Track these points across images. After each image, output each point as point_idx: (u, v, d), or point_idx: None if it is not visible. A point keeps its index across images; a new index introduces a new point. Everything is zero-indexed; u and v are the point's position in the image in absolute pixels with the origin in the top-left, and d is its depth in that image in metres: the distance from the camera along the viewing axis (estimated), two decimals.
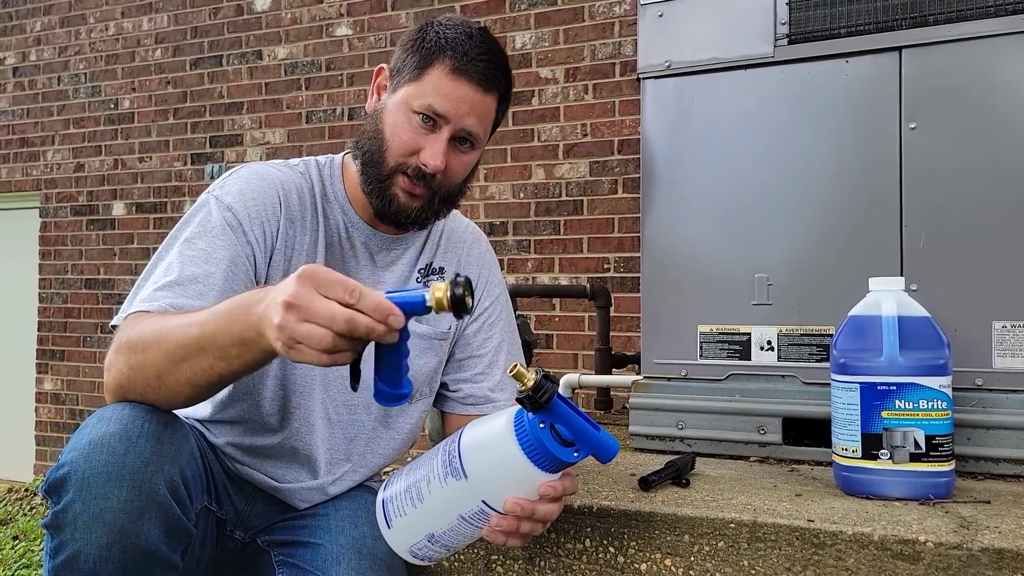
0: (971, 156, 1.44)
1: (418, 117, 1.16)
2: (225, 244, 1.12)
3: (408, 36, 1.23)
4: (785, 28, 1.56)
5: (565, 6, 3.52)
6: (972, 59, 1.44)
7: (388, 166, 1.18)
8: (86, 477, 0.93)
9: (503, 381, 1.33)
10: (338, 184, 1.27)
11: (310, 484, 1.25)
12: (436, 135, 1.16)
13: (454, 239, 1.35)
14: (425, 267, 1.30)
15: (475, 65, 1.16)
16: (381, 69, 1.25)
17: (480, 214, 3.62)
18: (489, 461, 0.99)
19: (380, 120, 1.20)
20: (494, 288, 1.37)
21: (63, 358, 4.67)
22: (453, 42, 1.16)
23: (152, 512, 0.93)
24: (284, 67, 4.13)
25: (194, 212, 1.17)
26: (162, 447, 0.96)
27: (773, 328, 1.56)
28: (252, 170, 1.21)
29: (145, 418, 0.97)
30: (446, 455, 1.01)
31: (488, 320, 1.34)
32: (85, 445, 0.95)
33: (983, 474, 1.40)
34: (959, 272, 1.44)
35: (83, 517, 0.92)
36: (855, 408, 1.25)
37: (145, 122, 4.48)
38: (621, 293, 3.31)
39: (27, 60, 4.85)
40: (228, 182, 1.19)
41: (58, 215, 4.72)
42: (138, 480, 0.93)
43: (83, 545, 0.91)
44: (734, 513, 1.16)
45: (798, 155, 1.56)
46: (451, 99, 1.15)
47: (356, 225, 1.26)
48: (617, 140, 3.40)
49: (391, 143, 1.17)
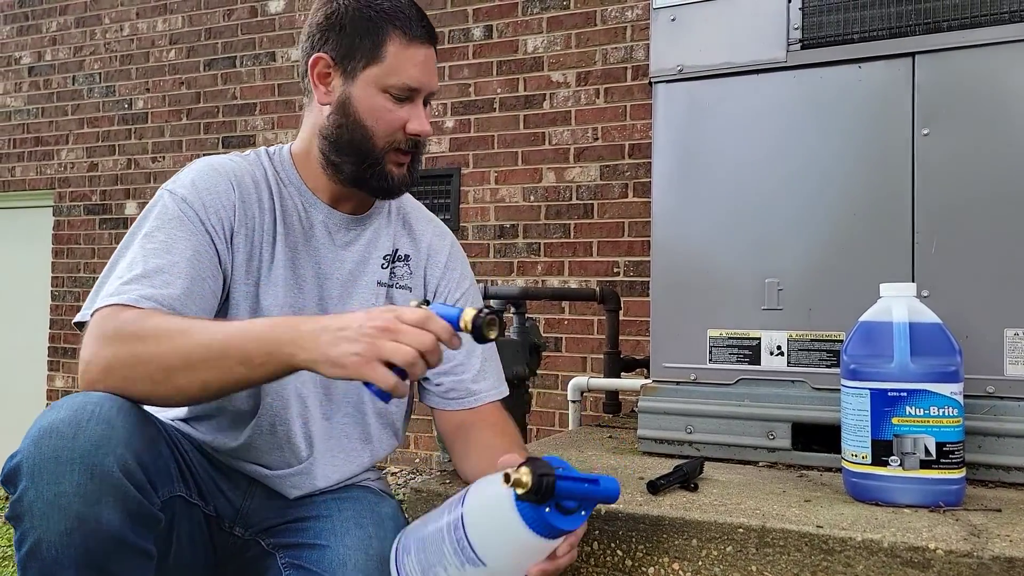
0: (984, 162, 1.43)
1: (392, 95, 1.20)
2: (184, 234, 1.15)
3: (332, 17, 1.22)
4: (798, 33, 1.56)
5: (577, 10, 3.52)
6: (986, 65, 1.44)
7: (379, 148, 1.22)
8: (36, 463, 0.93)
9: (483, 370, 1.34)
10: (290, 169, 1.29)
11: (297, 468, 1.25)
12: (414, 104, 1.22)
13: (417, 226, 1.38)
14: (391, 254, 1.33)
15: (420, 26, 1.22)
16: (319, 58, 1.23)
17: (491, 216, 3.62)
18: (505, 547, 0.99)
19: (351, 109, 1.22)
20: (464, 281, 1.40)
21: (74, 356, 4.69)
22: (392, 11, 1.20)
23: (108, 496, 0.93)
24: (297, 69, 4.15)
25: (150, 208, 1.19)
26: (113, 431, 0.95)
27: (783, 333, 1.56)
28: (204, 162, 1.25)
29: (97, 403, 0.97)
30: (454, 541, 1.01)
31: None
32: (35, 432, 0.95)
33: (994, 482, 1.39)
34: (971, 279, 1.43)
35: (38, 504, 0.92)
36: (865, 414, 1.25)
37: (159, 122, 4.51)
38: (631, 297, 3.30)
39: (42, 60, 4.89)
40: (180, 176, 1.22)
41: (71, 214, 4.75)
42: (89, 463, 0.92)
43: (43, 533, 0.91)
44: (743, 518, 1.16)
45: (810, 160, 1.56)
46: (420, 68, 1.21)
47: (314, 204, 1.28)
48: (628, 144, 3.40)
49: (376, 128, 1.21)
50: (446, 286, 1.37)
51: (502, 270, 3.59)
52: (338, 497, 1.27)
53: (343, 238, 1.30)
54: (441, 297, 1.37)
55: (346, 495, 1.28)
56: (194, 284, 1.13)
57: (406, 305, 1.26)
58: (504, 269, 3.59)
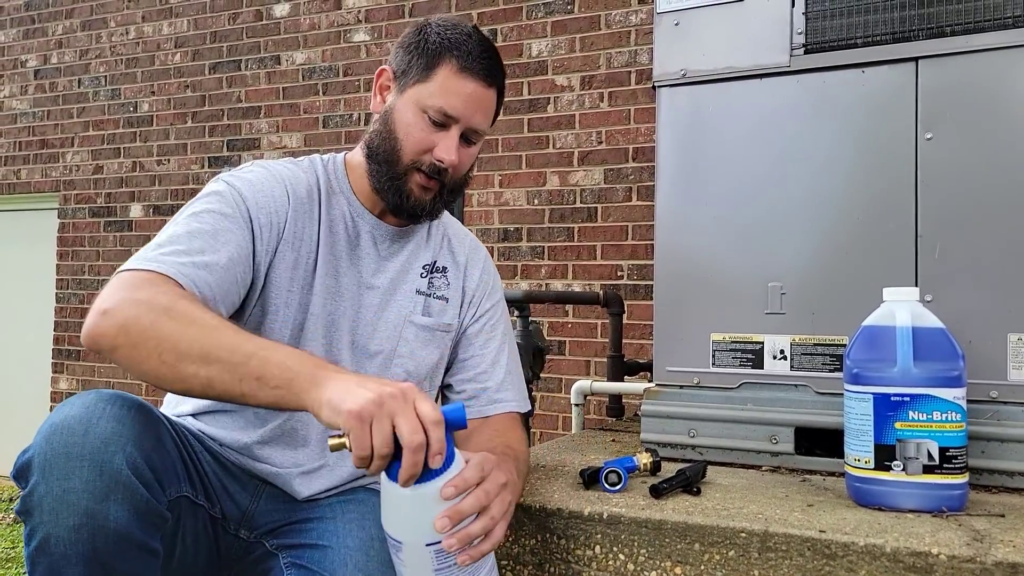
0: (987, 167, 1.43)
1: (429, 116, 1.22)
2: (232, 226, 1.17)
3: (407, 37, 1.29)
4: (801, 38, 1.56)
5: (582, 14, 3.53)
6: (989, 70, 1.44)
7: (403, 164, 1.24)
8: (47, 459, 0.94)
9: (506, 380, 1.37)
10: (343, 178, 1.33)
11: (305, 466, 1.26)
12: (447, 132, 1.23)
13: (455, 242, 1.42)
14: (431, 264, 1.37)
15: (479, 62, 1.23)
16: (383, 71, 1.30)
17: (495, 220, 3.63)
18: (395, 515, 1.00)
19: (391, 120, 1.25)
20: (495, 293, 1.44)
21: (79, 358, 4.72)
22: (456, 42, 1.23)
23: (117, 493, 0.94)
24: (302, 72, 4.16)
25: (206, 191, 1.23)
26: (123, 428, 0.97)
27: (786, 337, 1.56)
28: (262, 165, 1.28)
29: (108, 401, 0.99)
30: (388, 543, 1.04)
31: (490, 321, 1.40)
32: (47, 429, 0.97)
33: (997, 487, 1.39)
34: (974, 284, 1.43)
35: (48, 499, 0.93)
36: (868, 419, 1.25)
37: (163, 125, 4.52)
38: (634, 300, 3.31)
39: (48, 63, 4.91)
40: (241, 171, 1.26)
41: (76, 216, 4.77)
42: (99, 460, 0.94)
43: (52, 528, 0.92)
44: (745, 522, 1.16)
45: (813, 164, 1.56)
46: (460, 97, 1.22)
47: (362, 215, 1.31)
48: (632, 148, 3.41)
49: (404, 142, 1.23)
50: (479, 298, 1.40)
51: (506, 273, 3.59)
52: (342, 499, 1.28)
53: (387, 249, 1.33)
54: (473, 307, 1.40)
55: (350, 497, 1.29)
56: (226, 278, 1.14)
57: (442, 316, 1.32)
58: (508, 272, 3.59)
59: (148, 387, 4.44)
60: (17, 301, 5.06)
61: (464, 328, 1.38)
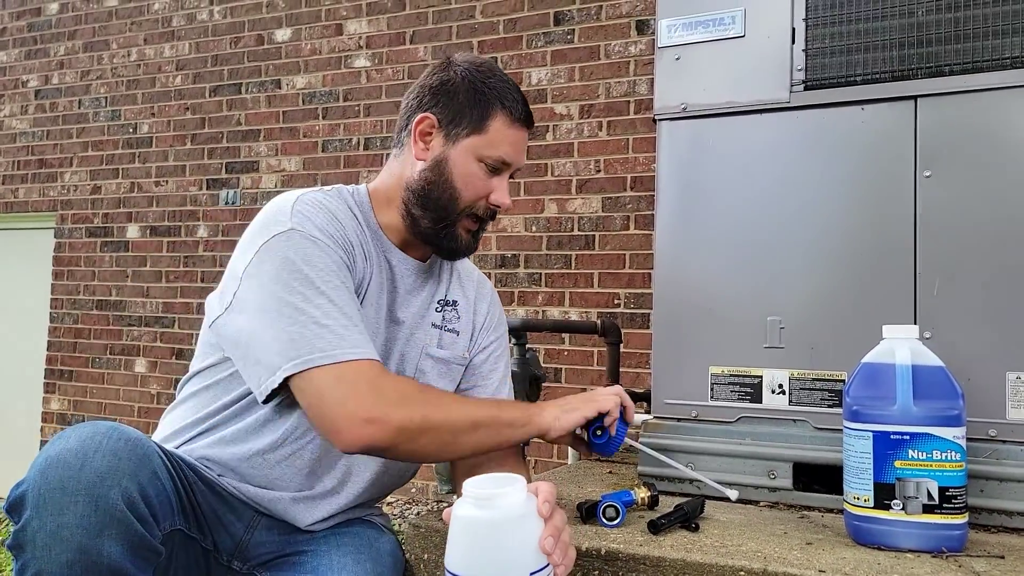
0: (986, 205, 1.44)
1: (485, 166, 1.28)
2: (345, 280, 1.20)
3: (445, 84, 1.30)
4: (801, 74, 1.57)
5: (581, 44, 3.56)
6: (988, 110, 1.45)
7: (459, 210, 1.29)
8: (42, 493, 0.93)
9: (498, 391, 1.42)
10: (369, 212, 1.34)
11: (306, 494, 1.25)
12: (501, 178, 1.31)
13: (464, 276, 1.46)
14: (443, 299, 1.40)
15: (524, 111, 1.31)
16: (425, 118, 1.30)
17: (492, 246, 3.63)
18: (499, 551, 0.94)
19: (446, 170, 1.28)
20: (500, 326, 1.48)
21: (71, 378, 4.68)
22: (501, 92, 1.29)
23: (112, 528, 0.93)
24: (302, 96, 4.18)
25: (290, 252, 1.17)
26: (120, 462, 0.96)
27: (785, 372, 1.55)
28: (308, 200, 1.25)
29: (104, 435, 0.98)
30: None
31: (494, 353, 1.44)
32: (42, 462, 0.96)
33: (996, 527, 1.38)
34: (973, 322, 1.43)
35: (41, 535, 0.92)
36: (868, 457, 1.24)
37: (163, 147, 4.53)
38: (631, 329, 3.30)
39: (49, 83, 4.93)
40: (295, 218, 1.20)
41: (73, 236, 4.76)
42: (94, 495, 0.93)
43: (44, 564, 0.91)
44: (744, 560, 1.15)
45: (813, 200, 1.56)
46: (515, 147, 1.31)
47: (390, 250, 1.34)
48: (630, 177, 3.42)
49: (464, 191, 1.28)
50: (486, 331, 1.44)
51: (503, 300, 3.57)
52: (337, 532, 1.27)
53: (412, 283, 1.36)
54: (480, 340, 1.43)
55: (345, 529, 1.28)
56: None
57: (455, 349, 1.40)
58: (505, 299, 3.59)
59: (140, 413, 4.41)
60: (11, 320, 5.03)
61: (471, 359, 1.41)
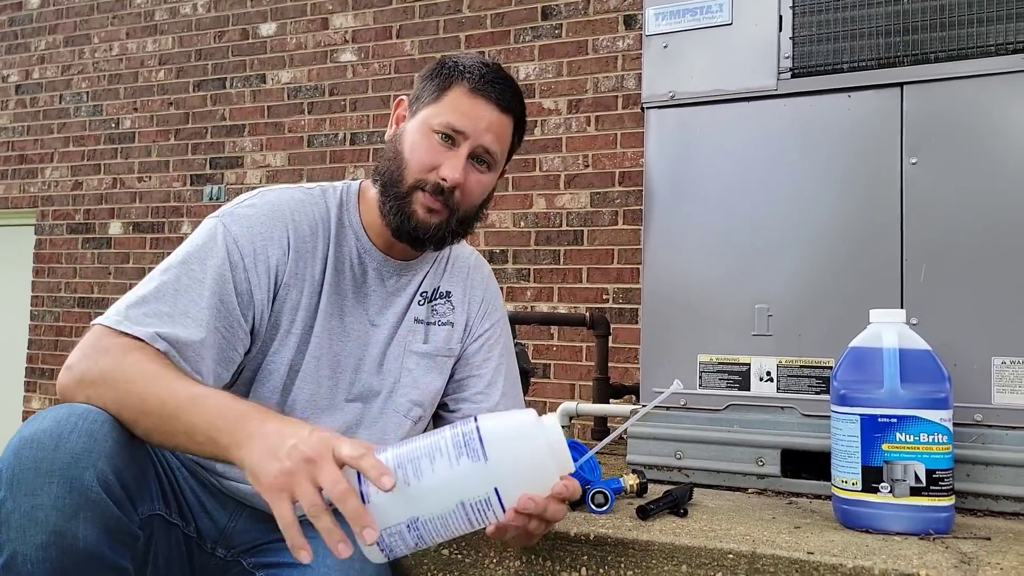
0: (972, 192, 1.45)
1: (437, 136, 1.20)
2: (222, 277, 1.13)
3: (426, 69, 1.28)
4: (788, 62, 1.58)
5: (569, 39, 3.56)
6: (973, 96, 1.46)
7: (407, 183, 1.20)
8: (16, 474, 0.91)
9: (500, 404, 1.33)
10: (353, 211, 1.28)
11: None
12: (455, 151, 1.20)
13: (459, 264, 1.38)
14: (428, 292, 1.33)
15: (492, 86, 1.21)
16: (401, 100, 1.28)
17: (480, 242, 3.62)
18: (515, 449, 0.94)
19: (399, 143, 1.23)
20: (495, 312, 1.39)
21: (52, 376, 4.63)
22: (470, 67, 1.22)
23: (87, 511, 0.91)
24: (287, 91, 4.16)
25: (201, 233, 1.17)
26: (95, 444, 0.94)
27: (772, 359, 1.56)
28: (266, 201, 1.22)
29: (81, 415, 0.96)
30: (459, 436, 0.94)
31: (488, 341, 1.36)
32: (16, 442, 0.94)
33: (983, 511, 1.39)
34: (959, 307, 1.44)
35: (15, 515, 0.90)
36: (855, 440, 1.24)
37: (146, 142, 4.49)
38: (619, 324, 3.30)
39: (30, 78, 4.87)
40: (240, 209, 1.20)
41: (54, 232, 4.71)
42: (68, 476, 0.91)
43: (19, 545, 0.89)
44: (733, 544, 1.15)
45: (800, 187, 1.57)
46: (469, 115, 1.19)
47: (369, 251, 1.27)
48: (618, 172, 3.43)
49: (410, 161, 1.20)
50: (480, 319, 1.37)
51: None
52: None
53: (394, 284, 1.29)
54: (474, 329, 1.36)
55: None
56: (216, 334, 1.11)
57: (446, 342, 1.30)
58: None
59: None
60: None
61: (464, 348, 1.36)
